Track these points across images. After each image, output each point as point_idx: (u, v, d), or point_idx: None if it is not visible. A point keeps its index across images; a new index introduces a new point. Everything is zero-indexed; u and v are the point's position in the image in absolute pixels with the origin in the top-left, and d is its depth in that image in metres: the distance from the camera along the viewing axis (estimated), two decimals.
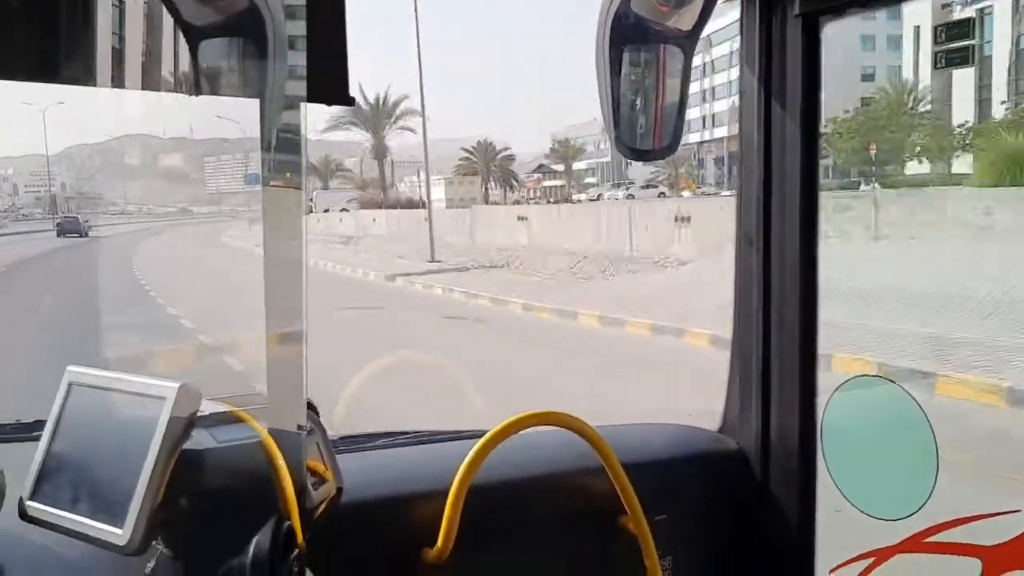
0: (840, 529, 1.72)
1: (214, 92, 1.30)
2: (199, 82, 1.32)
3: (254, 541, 1.01)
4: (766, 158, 1.78)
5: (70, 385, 1.10)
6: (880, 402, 1.70)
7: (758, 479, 1.85)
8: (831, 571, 1.73)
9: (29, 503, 1.06)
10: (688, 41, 1.66)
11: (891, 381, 1.66)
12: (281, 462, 1.09)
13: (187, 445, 1.05)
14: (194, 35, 1.30)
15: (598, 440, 1.68)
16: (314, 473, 1.25)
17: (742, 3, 1.79)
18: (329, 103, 1.27)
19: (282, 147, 1.27)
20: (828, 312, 1.76)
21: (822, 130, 1.87)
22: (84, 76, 1.27)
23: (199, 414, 1.08)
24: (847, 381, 1.70)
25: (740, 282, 1.88)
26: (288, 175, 1.28)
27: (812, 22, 1.68)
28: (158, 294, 16.07)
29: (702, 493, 1.90)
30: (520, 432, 1.74)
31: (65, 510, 1.04)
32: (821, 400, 1.74)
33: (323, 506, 1.24)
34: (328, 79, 1.21)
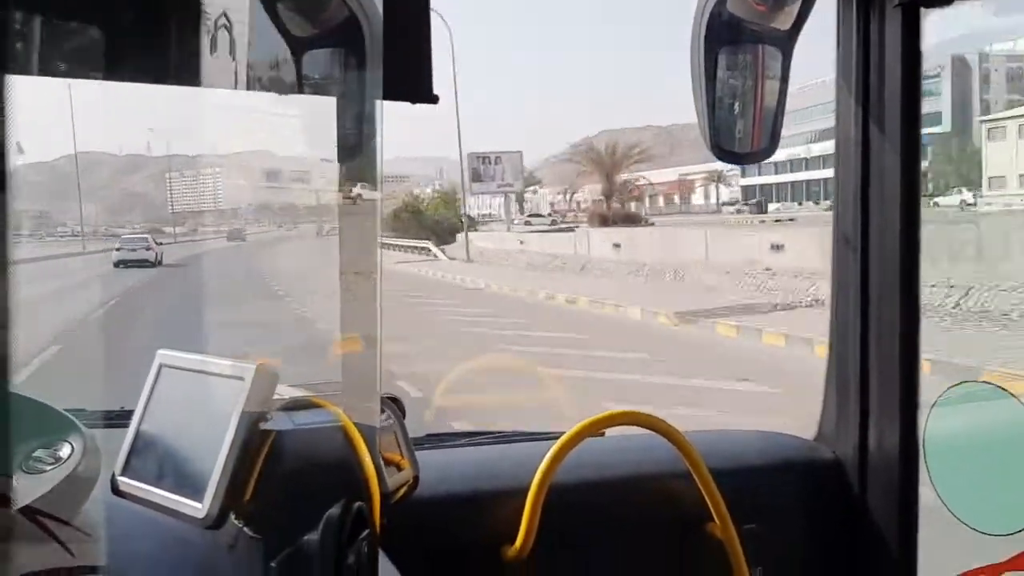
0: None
1: (296, 91, 1.34)
2: (301, 82, 1.35)
3: (324, 517, 1.03)
4: (864, 154, 1.71)
5: (160, 367, 1.15)
6: (988, 410, 1.59)
7: (855, 490, 1.77)
8: None
9: (120, 478, 1.12)
10: (787, 41, 1.62)
11: (1000, 388, 1.56)
12: (358, 445, 1.11)
13: (266, 426, 1.08)
14: (298, 47, 1.34)
15: (684, 443, 1.64)
16: (390, 463, 1.27)
17: None
18: (412, 101, 1.28)
19: (359, 147, 1.29)
20: None
21: None
22: (189, 77, 1.33)
23: (279, 399, 1.12)
24: (952, 387, 1.60)
25: (837, 283, 1.81)
26: (364, 173, 1.30)
27: (912, 13, 1.61)
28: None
29: (796, 503, 1.83)
30: (606, 434, 1.71)
31: (151, 485, 1.08)
32: (923, 407, 1.65)
33: (401, 492, 1.26)
34: (410, 76, 1.22)
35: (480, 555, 1.58)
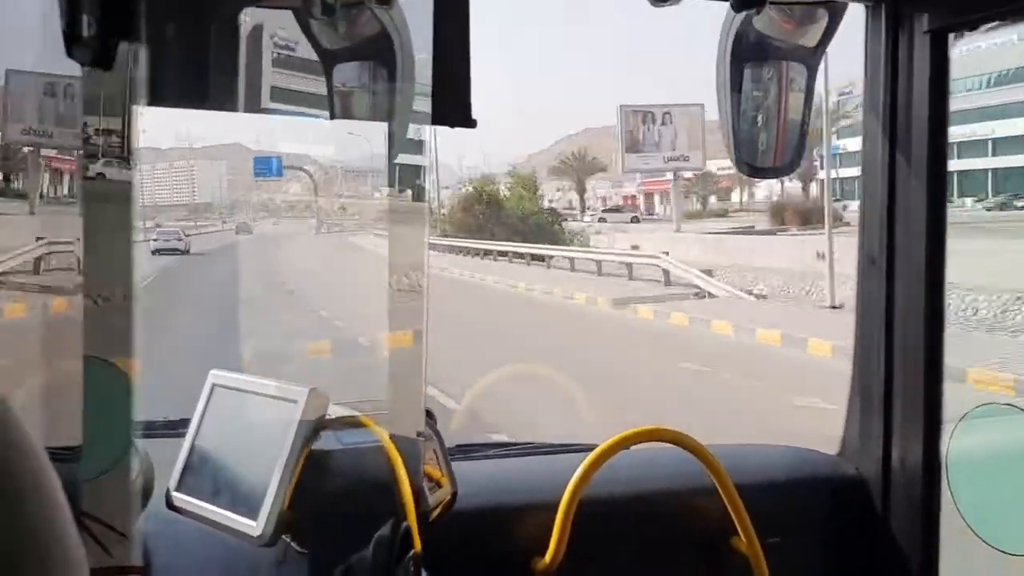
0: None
1: (346, 116, 1.39)
2: (333, 107, 1.41)
3: (374, 539, 1.07)
4: (891, 175, 1.74)
5: (213, 387, 1.20)
6: (1011, 430, 1.62)
7: (878, 506, 1.80)
8: None
9: (175, 494, 1.16)
10: (812, 57, 1.64)
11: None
12: (400, 466, 1.15)
13: (317, 448, 1.12)
14: (329, 61, 1.39)
15: (710, 459, 1.67)
16: (430, 478, 1.31)
17: (867, 21, 1.76)
18: (452, 125, 1.33)
19: (408, 167, 1.35)
20: None
21: None
22: (231, 103, 1.38)
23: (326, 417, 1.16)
24: (976, 408, 1.63)
25: (862, 301, 1.84)
26: (412, 192, 1.35)
27: (941, 39, 1.64)
28: None
29: (819, 518, 1.86)
30: (633, 448, 1.75)
31: (206, 501, 1.13)
32: (947, 425, 1.68)
33: (439, 509, 1.30)
34: (452, 103, 1.26)
35: (510, 567, 1.62)
